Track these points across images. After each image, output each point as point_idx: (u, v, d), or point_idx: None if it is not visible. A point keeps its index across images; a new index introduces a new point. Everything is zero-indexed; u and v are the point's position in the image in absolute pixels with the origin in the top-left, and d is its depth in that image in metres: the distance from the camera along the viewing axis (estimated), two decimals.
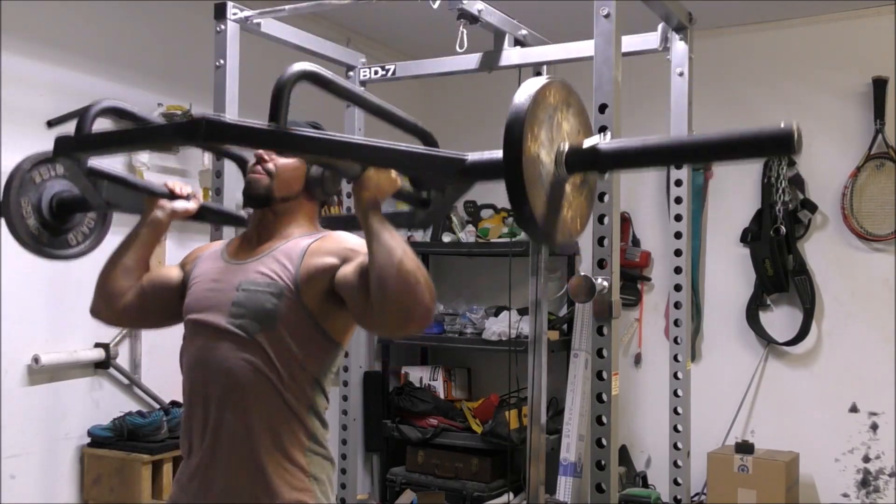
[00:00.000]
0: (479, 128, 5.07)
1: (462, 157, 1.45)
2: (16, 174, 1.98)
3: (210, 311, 1.75)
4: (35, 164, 2.02)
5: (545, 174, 1.34)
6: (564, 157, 1.37)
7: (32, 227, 2.00)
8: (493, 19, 2.70)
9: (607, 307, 2.08)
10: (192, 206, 1.96)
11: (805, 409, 4.28)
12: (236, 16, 2.65)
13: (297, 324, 1.69)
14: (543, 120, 1.34)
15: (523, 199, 1.28)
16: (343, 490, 3.05)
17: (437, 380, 4.78)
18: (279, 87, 1.43)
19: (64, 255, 2.09)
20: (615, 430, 2.08)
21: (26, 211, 1.98)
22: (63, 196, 2.04)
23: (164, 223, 1.93)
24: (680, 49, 2.67)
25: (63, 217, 2.06)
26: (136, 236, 1.91)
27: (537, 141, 1.32)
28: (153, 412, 3.35)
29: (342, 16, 4.17)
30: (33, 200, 2.00)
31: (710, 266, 4.55)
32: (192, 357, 1.78)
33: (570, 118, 1.42)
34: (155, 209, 1.92)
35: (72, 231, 2.10)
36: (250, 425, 1.68)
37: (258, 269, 1.74)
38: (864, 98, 4.17)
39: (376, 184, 1.56)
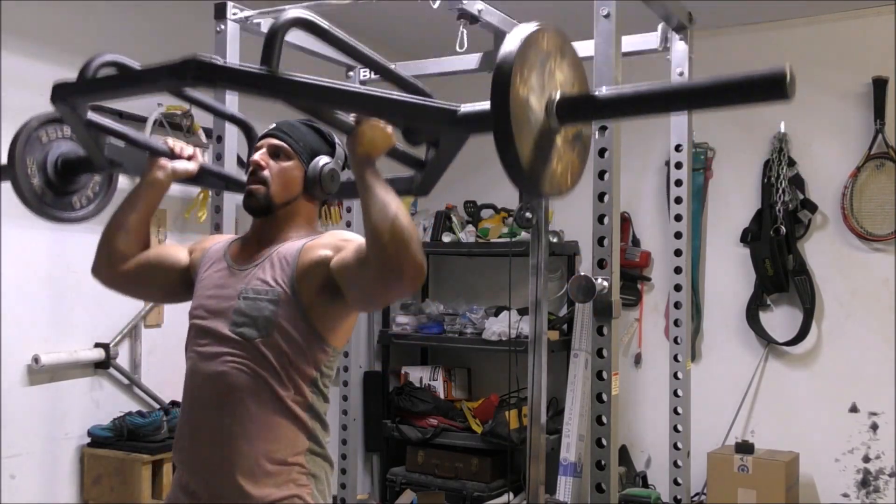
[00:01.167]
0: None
1: (455, 107, 1.42)
2: (22, 132, 1.96)
3: (213, 319, 1.77)
4: (42, 123, 2.00)
5: (534, 121, 1.28)
6: (556, 107, 1.30)
7: (37, 187, 1.97)
8: (493, 19, 2.70)
9: (607, 307, 2.08)
10: (192, 166, 1.96)
11: (805, 409, 4.28)
12: (236, 16, 2.65)
13: (295, 329, 1.71)
14: (535, 64, 1.27)
15: (509, 141, 1.23)
16: (343, 490, 3.05)
17: (437, 380, 4.78)
18: (272, 31, 1.41)
19: (67, 218, 2.05)
20: (615, 430, 2.08)
21: (31, 170, 1.95)
22: (68, 156, 2.02)
23: (164, 183, 1.92)
24: (680, 49, 2.67)
25: (68, 178, 2.03)
26: (136, 195, 1.91)
27: (527, 85, 1.25)
28: (153, 412, 3.36)
29: (342, 16, 4.16)
30: (38, 159, 1.97)
31: (710, 266, 4.54)
32: (192, 361, 1.80)
33: (565, 68, 1.36)
34: (155, 169, 1.91)
35: (76, 194, 2.07)
36: (248, 429, 1.69)
37: (258, 276, 1.75)
38: (864, 98, 4.17)
39: (370, 139, 1.56)
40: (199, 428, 1.74)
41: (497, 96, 1.23)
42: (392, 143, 1.59)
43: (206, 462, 1.72)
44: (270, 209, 1.81)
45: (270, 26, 1.43)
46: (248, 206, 1.82)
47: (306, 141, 1.83)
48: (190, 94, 1.92)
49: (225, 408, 1.70)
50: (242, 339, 1.71)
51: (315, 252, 1.72)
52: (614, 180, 2.10)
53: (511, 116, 1.22)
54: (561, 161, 1.35)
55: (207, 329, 1.77)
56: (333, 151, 1.86)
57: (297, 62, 3.32)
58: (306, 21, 1.46)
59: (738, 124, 4.45)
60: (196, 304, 1.83)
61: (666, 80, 2.69)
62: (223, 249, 1.88)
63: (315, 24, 1.46)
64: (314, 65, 3.18)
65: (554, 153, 1.32)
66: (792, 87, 1.15)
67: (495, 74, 1.24)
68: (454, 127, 1.44)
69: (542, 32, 1.30)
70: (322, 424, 1.77)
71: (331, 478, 1.80)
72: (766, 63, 1.11)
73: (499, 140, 1.24)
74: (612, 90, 1.33)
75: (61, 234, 3.24)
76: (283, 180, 1.81)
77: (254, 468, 1.68)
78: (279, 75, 1.40)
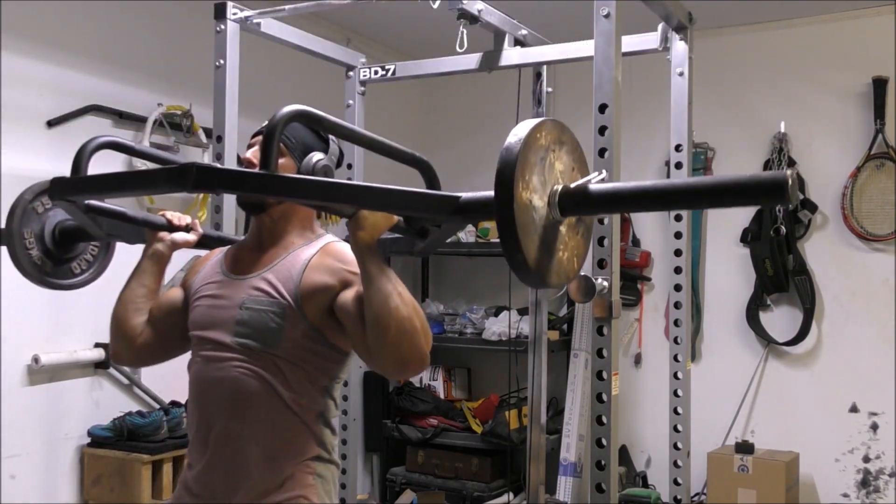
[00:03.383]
0: (479, 128, 5.09)
1: (455, 197, 1.42)
2: (18, 205, 1.98)
3: (214, 329, 1.75)
4: (37, 195, 2.02)
5: (538, 218, 1.31)
6: (557, 199, 1.33)
7: (35, 258, 2.01)
8: (493, 19, 2.70)
9: (607, 307, 2.08)
10: (191, 237, 1.98)
11: (805, 409, 4.28)
12: (236, 16, 2.65)
13: (303, 339, 1.69)
14: (535, 163, 1.31)
15: (516, 247, 1.26)
16: (343, 490, 3.04)
17: (437, 380, 4.78)
18: (270, 128, 1.40)
19: (67, 285, 2.10)
20: (615, 430, 2.08)
21: (29, 242, 1.99)
22: (66, 225, 2.05)
23: (165, 255, 1.94)
24: (680, 49, 2.67)
25: (66, 246, 2.06)
26: (140, 270, 1.92)
27: (529, 187, 1.29)
28: (153, 412, 3.35)
29: (342, 16, 4.17)
30: (36, 230, 2.00)
31: (710, 266, 4.54)
32: (198, 370, 1.78)
33: (564, 156, 1.39)
34: (155, 242, 1.93)
35: (75, 260, 2.11)
36: (257, 433, 1.68)
37: (259, 286, 1.73)
38: (864, 98, 4.17)
39: (372, 223, 1.54)
40: (207, 432, 1.73)
41: (501, 206, 1.26)
42: (393, 222, 1.58)
43: (213, 466, 1.72)
44: (263, 206, 1.79)
45: (268, 123, 1.41)
46: (241, 201, 1.82)
47: (299, 137, 1.82)
48: None
49: (233, 412, 1.70)
50: (249, 350, 1.70)
51: (320, 276, 1.71)
52: (614, 180, 2.10)
53: (516, 221, 1.25)
54: (566, 249, 1.38)
55: (209, 339, 1.75)
56: (327, 147, 1.86)
57: (298, 62, 3.33)
58: (306, 114, 1.45)
59: (738, 124, 4.45)
60: (194, 317, 1.81)
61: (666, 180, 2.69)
62: (218, 263, 1.86)
63: (313, 115, 1.46)
64: (315, 64, 3.19)
65: (559, 243, 1.36)
66: (793, 193, 1.14)
67: (497, 180, 1.27)
68: (455, 216, 1.44)
69: (540, 129, 1.33)
70: (331, 430, 1.77)
71: (337, 480, 1.80)
72: (766, 63, 1.10)
73: (505, 247, 1.27)
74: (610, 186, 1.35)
75: None
76: None
77: (262, 470, 1.68)
78: (280, 177, 1.40)
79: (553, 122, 1.39)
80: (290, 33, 2.86)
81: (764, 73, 4.39)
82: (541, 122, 1.34)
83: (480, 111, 4.99)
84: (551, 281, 1.35)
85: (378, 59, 3.60)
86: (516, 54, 2.83)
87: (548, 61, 2.93)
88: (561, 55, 2.81)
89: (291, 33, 2.86)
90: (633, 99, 3.45)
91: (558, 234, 1.36)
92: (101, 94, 3.37)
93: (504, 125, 1.95)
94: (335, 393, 1.77)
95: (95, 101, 3.33)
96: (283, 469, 1.69)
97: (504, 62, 2.83)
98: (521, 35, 2.85)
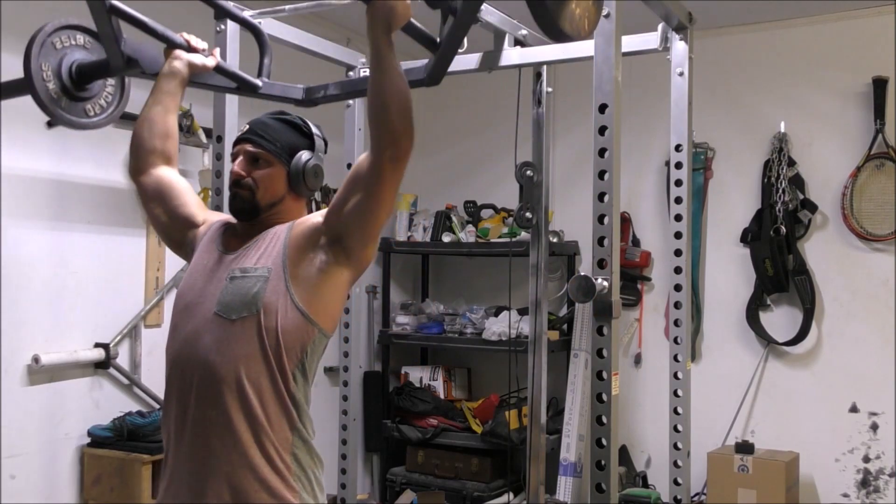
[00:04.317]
0: (479, 128, 5.09)
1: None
2: (37, 37, 1.96)
3: (198, 303, 1.77)
4: (56, 29, 2.00)
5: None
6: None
7: (52, 91, 1.97)
8: (493, 19, 2.70)
9: (607, 307, 2.08)
10: (209, 62, 2.03)
11: (805, 409, 4.28)
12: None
13: (281, 306, 1.70)
14: None
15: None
16: (343, 490, 3.04)
17: (437, 380, 4.78)
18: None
19: (80, 124, 2.06)
20: (615, 430, 2.08)
21: (46, 75, 1.96)
22: (83, 62, 2.02)
23: (183, 74, 1.98)
24: (680, 49, 2.67)
25: (82, 85, 2.03)
26: (156, 89, 1.97)
27: None
28: (153, 412, 3.36)
29: (342, 16, 4.17)
30: (53, 65, 1.98)
31: (710, 266, 4.54)
32: (175, 349, 1.78)
33: None
34: (173, 59, 1.98)
35: (90, 101, 2.07)
36: (231, 420, 1.67)
37: (247, 257, 1.78)
38: (864, 98, 4.17)
39: (390, 7, 1.66)
40: (183, 417, 1.72)
41: None
42: (410, 14, 1.70)
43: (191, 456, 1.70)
44: (257, 212, 1.81)
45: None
46: (234, 208, 1.83)
47: (282, 140, 1.83)
48: None
49: (208, 397, 1.69)
50: (227, 318, 1.70)
51: (306, 222, 1.78)
52: (614, 180, 2.10)
53: None
54: (578, 5, 1.43)
55: (193, 313, 1.76)
56: (312, 144, 1.86)
57: (298, 61, 3.33)
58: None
59: (738, 124, 4.45)
60: (183, 286, 1.85)
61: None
62: (218, 232, 1.89)
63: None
64: (314, 64, 3.19)
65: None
66: None
67: None
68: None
69: None
70: (306, 416, 1.75)
71: (319, 475, 1.78)
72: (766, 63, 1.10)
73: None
74: None
75: (61, 234, 3.24)
76: (266, 184, 1.82)
77: (238, 459, 1.66)
78: None
79: None
80: (290, 33, 2.86)
81: (764, 73, 4.39)
82: None
83: (480, 111, 4.99)
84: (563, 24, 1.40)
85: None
86: (516, 54, 2.83)
87: (548, 61, 2.93)
88: (561, 55, 2.81)
89: (291, 33, 2.86)
90: (633, 99, 3.45)
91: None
92: None
93: (504, 125, 1.96)
94: (308, 373, 1.76)
95: None
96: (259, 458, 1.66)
97: (504, 62, 2.83)
98: (521, 35, 2.85)
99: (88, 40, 2.03)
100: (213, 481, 1.67)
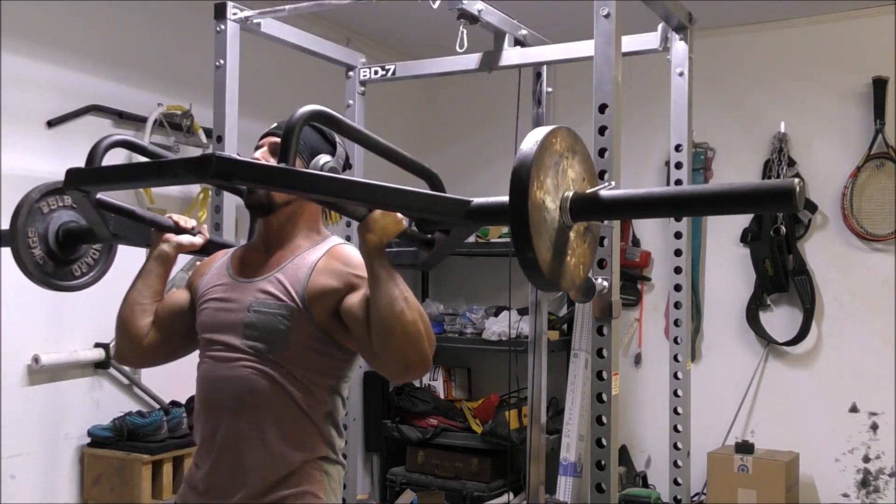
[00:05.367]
0: (479, 128, 5.09)
1: (467, 201, 1.46)
2: (24, 203, 1.99)
3: (223, 332, 1.76)
4: (44, 195, 2.03)
5: (550, 221, 1.35)
6: (569, 205, 1.38)
7: (38, 257, 2.01)
8: (493, 19, 2.70)
9: (607, 307, 2.08)
10: (198, 240, 1.99)
11: (805, 409, 4.28)
12: (236, 16, 2.65)
13: (311, 340, 1.71)
14: (549, 166, 1.34)
15: (528, 245, 1.29)
16: (343, 490, 3.04)
17: (437, 380, 4.78)
18: (289, 128, 1.45)
19: (68, 286, 2.11)
20: (615, 430, 2.08)
21: (32, 241, 2.00)
22: (70, 226, 2.06)
23: (171, 256, 1.96)
24: (680, 49, 2.67)
25: (69, 248, 2.07)
26: (145, 272, 1.93)
27: (543, 188, 1.32)
28: (153, 412, 3.35)
29: (342, 16, 4.17)
30: (40, 230, 2.01)
31: (710, 266, 4.54)
32: (207, 370, 1.79)
33: (576, 165, 1.42)
34: (161, 243, 1.95)
35: (76, 262, 2.12)
36: (266, 433, 1.69)
37: (266, 290, 1.74)
38: (864, 98, 4.17)
39: (382, 226, 1.57)
40: (215, 431, 1.73)
41: (516, 202, 1.29)
42: (403, 227, 1.60)
43: (220, 465, 1.72)
44: (272, 207, 1.80)
45: (287, 123, 1.46)
46: (250, 203, 1.82)
47: (307, 140, 1.83)
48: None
49: (241, 411, 1.70)
50: (258, 352, 1.71)
51: (327, 279, 1.72)
52: (614, 180, 2.10)
53: (529, 220, 1.29)
54: (574, 255, 1.42)
55: (218, 341, 1.76)
56: (334, 150, 1.87)
57: (298, 62, 3.33)
58: (322, 114, 1.50)
59: (738, 124, 4.45)
60: (202, 319, 1.81)
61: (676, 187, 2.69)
62: (224, 265, 1.87)
63: (331, 116, 1.51)
64: (315, 64, 3.19)
65: (568, 249, 1.40)
66: (801, 200, 1.18)
67: (513, 179, 1.29)
68: (466, 219, 1.48)
69: (556, 134, 1.37)
70: (338, 431, 1.78)
71: (342, 480, 1.82)
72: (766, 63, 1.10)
73: (518, 245, 1.31)
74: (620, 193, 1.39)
75: None
76: None
77: (268, 468, 1.68)
78: (298, 172, 1.44)
79: (568, 131, 1.42)
80: (290, 33, 2.86)
81: (764, 73, 4.39)
82: (556, 128, 1.37)
83: (480, 111, 4.99)
84: (561, 283, 1.38)
85: (378, 59, 3.59)
86: (516, 54, 2.83)
87: (548, 61, 2.93)
88: (561, 55, 2.81)
89: (291, 33, 2.86)
90: (633, 99, 3.45)
91: (568, 239, 1.40)
92: (101, 94, 3.37)
93: (504, 125, 1.96)
94: (343, 392, 1.78)
95: (95, 101, 3.33)
96: (290, 466, 1.69)
97: (504, 62, 2.83)
98: (521, 35, 2.85)
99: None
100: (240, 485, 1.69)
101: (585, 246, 1.46)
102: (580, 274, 1.45)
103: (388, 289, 1.55)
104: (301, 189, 1.45)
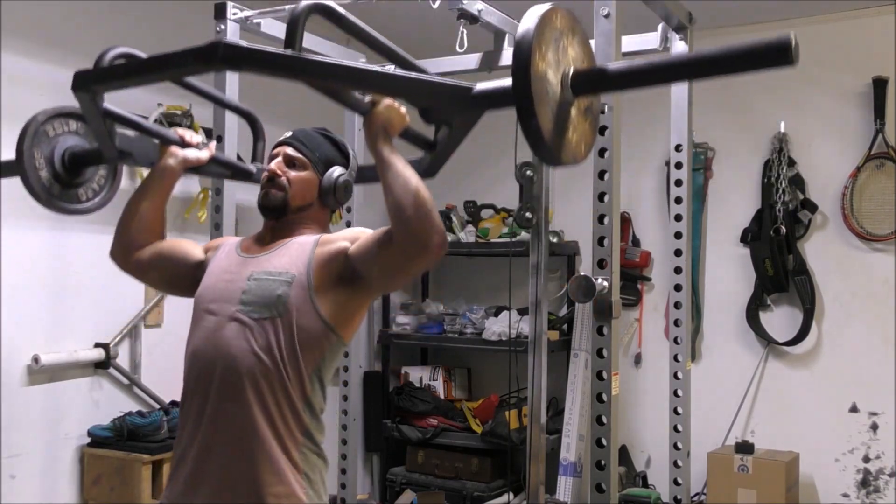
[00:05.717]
0: (478, 128, 5.08)
1: (470, 85, 1.51)
2: (30, 126, 1.98)
3: (219, 301, 1.79)
4: (49, 118, 2.02)
5: (552, 94, 1.37)
6: (570, 80, 1.40)
7: (45, 179, 1.99)
8: (493, 19, 2.70)
9: (607, 307, 2.08)
10: (203, 155, 2.01)
11: (805, 409, 4.28)
12: (236, 16, 2.65)
13: (304, 313, 1.73)
14: (550, 40, 1.37)
15: (531, 113, 1.31)
16: (343, 490, 3.04)
17: (437, 380, 4.78)
18: (294, 18, 1.49)
19: (74, 210, 2.07)
20: (615, 430, 2.08)
21: (39, 163, 1.97)
22: (75, 149, 2.03)
23: (176, 171, 1.97)
24: (680, 49, 2.67)
25: (75, 171, 2.04)
26: (148, 183, 1.97)
27: (545, 59, 1.35)
28: (153, 412, 3.36)
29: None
30: (46, 153, 1.99)
31: (710, 266, 4.54)
32: (196, 345, 1.81)
33: (575, 45, 1.45)
34: (167, 157, 1.96)
35: (82, 187, 2.08)
36: (249, 414, 1.69)
37: (270, 261, 1.80)
38: (864, 98, 4.16)
39: (387, 118, 1.65)
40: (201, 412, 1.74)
41: (518, 71, 1.31)
42: (406, 122, 1.68)
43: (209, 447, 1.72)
44: (286, 211, 1.86)
45: (291, 13, 1.51)
46: (265, 204, 1.87)
47: (322, 151, 1.89)
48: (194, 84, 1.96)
49: (225, 391, 1.71)
50: (249, 318, 1.73)
51: (332, 244, 1.78)
52: (614, 180, 2.10)
53: (532, 90, 1.30)
54: (576, 131, 1.44)
55: (213, 311, 1.79)
56: (347, 162, 1.92)
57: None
58: (325, 7, 1.55)
59: (738, 124, 4.45)
60: (202, 290, 1.86)
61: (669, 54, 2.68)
62: (235, 246, 1.92)
63: (333, 10, 1.56)
64: None
65: (570, 124, 1.42)
66: (796, 54, 1.21)
67: (516, 50, 1.32)
68: (470, 104, 1.52)
69: (556, 12, 1.39)
70: (318, 421, 1.78)
71: (325, 477, 1.81)
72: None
73: (521, 112, 1.32)
74: (622, 63, 1.43)
75: (61, 234, 3.24)
76: (299, 187, 1.87)
77: (261, 460, 1.68)
78: (303, 57, 1.45)
79: (567, 11, 1.45)
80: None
81: (764, 73, 4.37)
82: (556, 6, 1.41)
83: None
84: (563, 156, 1.41)
85: (378, 60, 3.58)
86: None
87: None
88: None
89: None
90: (633, 99, 3.45)
91: (570, 115, 1.42)
92: None
93: (504, 125, 1.96)
94: (325, 379, 1.79)
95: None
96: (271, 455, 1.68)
97: (504, 62, 2.83)
98: None
99: (81, 126, 2.04)
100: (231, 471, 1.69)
101: (587, 125, 1.49)
102: (581, 152, 1.47)
103: (400, 169, 1.61)
104: (308, 74, 1.46)
